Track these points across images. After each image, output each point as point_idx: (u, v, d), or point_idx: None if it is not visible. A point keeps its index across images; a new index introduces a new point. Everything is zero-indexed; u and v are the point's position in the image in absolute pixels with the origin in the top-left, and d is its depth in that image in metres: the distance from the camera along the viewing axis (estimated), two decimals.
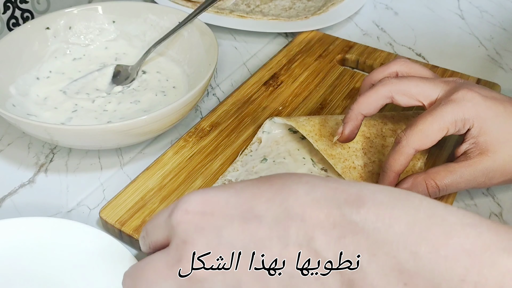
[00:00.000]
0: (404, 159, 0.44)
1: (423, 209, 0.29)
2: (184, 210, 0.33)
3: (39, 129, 0.48)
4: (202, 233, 0.32)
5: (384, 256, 0.28)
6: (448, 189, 0.45)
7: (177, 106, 0.49)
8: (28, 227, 0.44)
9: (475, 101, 0.44)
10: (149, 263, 0.34)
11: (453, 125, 0.44)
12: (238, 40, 0.74)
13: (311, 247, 0.30)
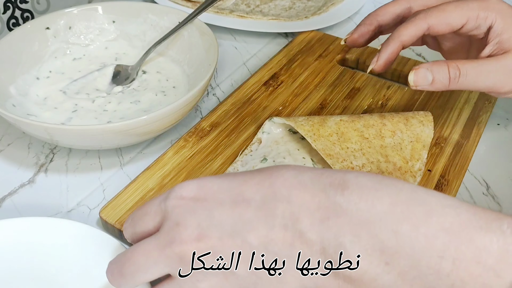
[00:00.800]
0: (415, 31, 0.44)
1: (405, 191, 0.30)
2: (179, 196, 0.34)
3: (39, 129, 0.48)
4: (193, 215, 0.33)
5: (367, 236, 0.29)
6: (468, 76, 0.44)
7: (177, 106, 0.49)
8: (28, 227, 0.44)
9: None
10: (137, 248, 0.34)
11: (475, 18, 0.44)
12: (238, 40, 0.74)
13: (296, 228, 0.31)
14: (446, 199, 0.30)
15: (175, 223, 0.33)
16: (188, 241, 0.32)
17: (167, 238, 0.33)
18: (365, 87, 0.62)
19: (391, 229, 0.29)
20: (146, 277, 0.34)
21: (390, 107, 0.59)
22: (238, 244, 0.32)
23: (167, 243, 0.33)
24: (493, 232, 0.28)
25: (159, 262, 0.33)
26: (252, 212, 0.32)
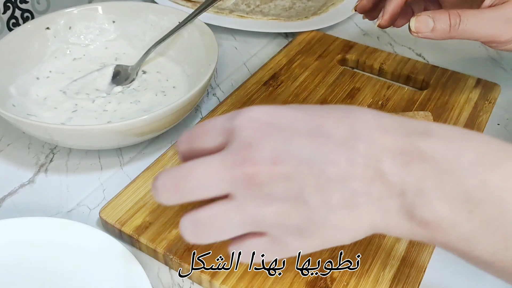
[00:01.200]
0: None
1: (494, 143, 0.30)
2: (249, 117, 0.32)
3: (39, 129, 0.48)
4: (268, 139, 0.31)
5: (452, 184, 0.29)
6: (468, 23, 0.45)
7: (177, 106, 0.49)
8: (28, 227, 0.44)
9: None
10: (198, 164, 0.32)
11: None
12: (238, 40, 0.74)
13: (378, 168, 0.30)
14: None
15: (247, 144, 0.31)
16: (262, 163, 0.30)
17: (236, 158, 0.31)
18: (365, 87, 0.62)
19: (480, 179, 0.29)
20: (202, 195, 0.32)
21: (390, 107, 0.59)
22: (315, 174, 0.30)
23: (237, 163, 0.31)
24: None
25: (223, 181, 0.31)
26: (332, 146, 0.31)
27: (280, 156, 0.31)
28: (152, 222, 0.45)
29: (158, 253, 0.43)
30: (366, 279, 0.41)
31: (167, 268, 0.44)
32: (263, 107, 0.32)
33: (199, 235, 0.33)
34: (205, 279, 0.42)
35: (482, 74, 0.64)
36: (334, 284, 0.41)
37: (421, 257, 0.43)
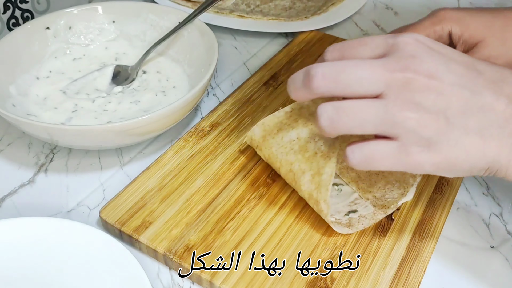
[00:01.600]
0: None
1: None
2: (414, 37, 0.36)
3: (39, 129, 0.48)
4: (431, 56, 0.36)
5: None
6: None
7: (177, 106, 0.49)
8: (28, 227, 0.44)
9: (448, 9, 0.49)
10: (360, 62, 0.36)
11: (433, 33, 0.48)
12: (238, 40, 0.74)
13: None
14: None
15: (410, 55, 0.35)
16: (421, 73, 0.35)
17: (399, 64, 0.35)
18: None
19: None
20: (358, 91, 0.36)
21: None
22: (463, 97, 0.35)
23: (398, 68, 0.35)
24: None
25: (381, 80, 0.35)
26: (482, 81, 0.35)
27: (439, 72, 0.35)
28: (152, 222, 0.45)
29: (158, 253, 0.43)
30: (366, 279, 0.41)
31: (167, 268, 0.44)
32: (423, 36, 0.37)
33: (336, 120, 0.36)
34: (205, 279, 0.42)
35: None
36: (334, 284, 0.41)
37: (421, 257, 0.43)
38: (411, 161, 0.35)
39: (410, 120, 0.34)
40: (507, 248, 0.46)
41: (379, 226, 0.45)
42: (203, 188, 0.49)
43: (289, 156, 0.45)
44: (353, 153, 0.36)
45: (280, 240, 0.44)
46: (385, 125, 0.35)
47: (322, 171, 0.43)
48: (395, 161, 0.36)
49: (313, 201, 0.44)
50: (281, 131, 0.47)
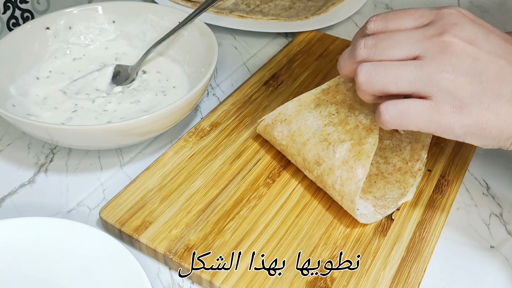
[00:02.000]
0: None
1: None
2: (457, 9, 0.38)
3: (39, 129, 0.48)
4: (472, 26, 0.37)
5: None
6: None
7: (177, 106, 0.49)
8: (28, 227, 0.44)
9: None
10: (399, 31, 0.39)
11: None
12: (238, 40, 0.74)
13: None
14: None
15: (453, 23, 0.37)
16: (461, 39, 0.36)
17: (439, 29, 0.37)
18: None
19: None
20: (395, 54, 0.38)
21: None
22: (499, 65, 0.36)
23: (438, 32, 0.37)
24: None
25: (418, 43, 0.37)
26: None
27: (478, 40, 0.37)
28: (152, 222, 0.45)
29: (158, 253, 0.43)
30: (366, 279, 0.41)
31: (167, 268, 0.44)
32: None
33: (373, 75, 0.38)
34: (205, 279, 0.42)
35: None
36: (334, 284, 0.41)
37: (421, 257, 0.43)
38: (442, 120, 0.37)
39: (445, 80, 0.36)
40: (507, 248, 0.46)
41: (379, 226, 0.45)
42: (203, 188, 0.49)
43: (327, 128, 0.46)
44: (387, 109, 0.38)
45: (280, 240, 0.44)
46: (420, 82, 0.37)
47: (364, 141, 0.44)
48: (427, 119, 0.37)
49: (346, 167, 0.44)
50: (319, 106, 0.48)
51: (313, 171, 0.47)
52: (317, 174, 0.46)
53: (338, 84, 0.49)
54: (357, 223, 0.45)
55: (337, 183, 0.44)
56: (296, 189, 0.49)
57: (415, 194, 0.48)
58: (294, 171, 0.51)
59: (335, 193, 0.45)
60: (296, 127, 0.48)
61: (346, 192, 0.44)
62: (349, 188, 0.44)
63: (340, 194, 0.44)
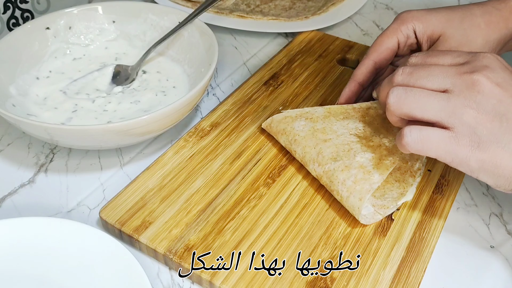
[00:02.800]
0: (365, 69, 0.53)
1: None
2: (493, 54, 0.42)
3: (39, 129, 0.48)
4: (504, 71, 0.40)
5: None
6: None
7: (177, 106, 0.49)
8: (28, 227, 0.44)
9: (411, 10, 0.53)
10: (435, 65, 0.42)
11: (400, 31, 0.52)
12: (238, 40, 0.74)
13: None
14: None
15: (484, 65, 0.40)
16: (489, 79, 0.39)
17: (471, 68, 0.40)
18: None
19: None
20: (426, 84, 0.41)
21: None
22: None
23: (469, 71, 0.40)
24: None
25: (449, 78, 0.40)
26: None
27: (505, 84, 0.39)
28: (152, 222, 0.45)
29: (158, 253, 0.43)
30: (366, 279, 0.41)
31: (167, 268, 0.44)
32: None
33: (403, 98, 0.41)
34: (205, 279, 0.42)
35: None
36: (334, 284, 0.41)
37: (421, 258, 0.43)
38: (460, 152, 0.39)
39: (468, 115, 0.38)
40: (507, 248, 0.46)
41: (379, 226, 0.45)
42: (203, 188, 0.49)
43: (352, 137, 0.49)
44: (411, 132, 0.40)
45: (280, 240, 0.44)
46: (445, 113, 0.39)
47: (384, 158, 0.46)
48: (446, 149, 0.39)
49: (363, 170, 0.45)
50: (347, 119, 0.51)
51: (325, 165, 0.47)
52: (329, 168, 0.47)
53: (369, 108, 0.52)
54: (357, 223, 0.45)
55: (350, 180, 0.45)
56: (296, 189, 0.49)
57: (415, 194, 0.48)
58: (294, 171, 0.51)
59: (344, 189, 0.45)
60: (321, 126, 0.50)
61: (357, 190, 0.44)
62: (361, 186, 0.44)
63: (349, 190, 0.45)
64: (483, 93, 0.39)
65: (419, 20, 0.51)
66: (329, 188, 0.47)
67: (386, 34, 0.53)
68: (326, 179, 0.47)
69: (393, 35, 0.52)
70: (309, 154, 0.49)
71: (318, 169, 0.48)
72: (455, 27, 0.51)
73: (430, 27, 0.51)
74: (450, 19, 0.51)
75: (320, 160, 0.48)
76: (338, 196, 0.46)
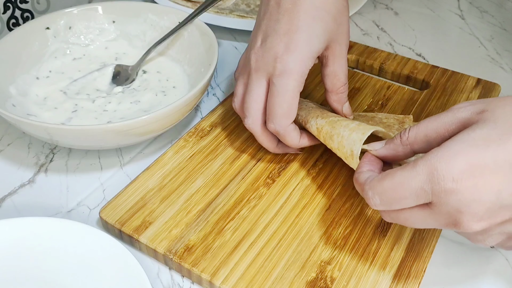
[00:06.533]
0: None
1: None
2: (451, 179, 0.32)
3: (39, 129, 0.48)
4: (480, 201, 0.32)
5: None
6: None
7: (177, 106, 0.49)
8: (28, 227, 0.44)
9: None
10: (411, 215, 0.36)
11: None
12: (238, 40, 0.74)
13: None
14: None
15: (456, 210, 0.33)
16: (475, 225, 0.33)
17: (448, 221, 0.34)
18: (365, 87, 0.62)
19: None
20: (417, 227, 0.37)
21: (390, 107, 0.59)
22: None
23: (450, 224, 0.34)
24: None
25: (433, 226, 0.35)
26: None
27: (492, 215, 0.33)
28: (152, 222, 0.45)
29: (158, 253, 0.43)
30: (366, 279, 0.41)
31: (167, 268, 0.44)
32: (458, 158, 0.32)
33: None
34: (205, 279, 0.42)
35: (482, 74, 0.64)
36: (334, 284, 0.41)
37: (421, 258, 0.43)
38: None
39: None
40: None
41: (379, 226, 0.45)
42: (203, 188, 0.49)
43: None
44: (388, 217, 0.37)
45: (280, 240, 0.44)
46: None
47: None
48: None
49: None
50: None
51: (329, 118, 0.48)
52: (332, 120, 0.47)
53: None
54: (357, 223, 0.45)
55: (353, 124, 0.45)
56: (296, 189, 0.49)
57: None
58: (294, 171, 0.51)
59: (346, 130, 0.45)
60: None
61: (360, 128, 0.44)
62: (364, 126, 0.45)
63: (352, 130, 0.44)
64: (478, 234, 0.35)
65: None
66: (329, 134, 0.46)
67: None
68: (328, 127, 0.47)
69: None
70: (313, 113, 0.49)
71: (320, 122, 0.48)
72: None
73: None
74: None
75: (323, 115, 0.48)
76: (338, 138, 0.45)
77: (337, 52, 0.49)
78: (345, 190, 0.49)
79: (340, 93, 0.50)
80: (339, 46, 0.48)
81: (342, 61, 0.49)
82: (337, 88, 0.50)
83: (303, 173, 0.50)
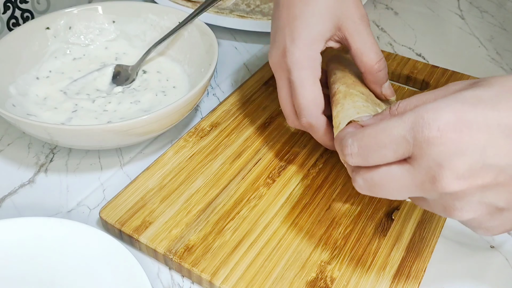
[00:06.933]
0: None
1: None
2: (436, 128, 0.30)
3: (39, 129, 0.48)
4: (462, 156, 0.30)
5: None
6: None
7: (177, 106, 0.49)
8: (28, 227, 0.44)
9: None
10: (388, 173, 0.33)
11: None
12: (238, 40, 0.74)
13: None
14: None
15: (437, 164, 0.30)
16: (454, 184, 0.30)
17: (427, 178, 0.31)
18: None
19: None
20: (388, 196, 0.34)
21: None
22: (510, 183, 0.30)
23: (427, 182, 0.31)
24: None
25: (412, 192, 0.33)
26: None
27: (475, 173, 0.30)
28: (152, 222, 0.45)
29: (158, 253, 0.43)
30: (366, 279, 0.41)
31: (167, 268, 0.44)
32: (446, 109, 0.31)
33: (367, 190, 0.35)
34: (205, 279, 0.42)
35: (482, 74, 0.64)
36: (334, 284, 0.41)
37: (421, 257, 0.43)
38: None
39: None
40: (507, 248, 0.46)
41: (379, 226, 0.45)
42: (203, 188, 0.49)
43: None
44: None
45: (280, 240, 0.44)
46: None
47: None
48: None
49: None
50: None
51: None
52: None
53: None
54: (357, 223, 0.46)
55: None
56: (296, 189, 0.49)
57: None
58: (294, 171, 0.51)
59: (360, 104, 0.44)
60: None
61: (367, 109, 0.43)
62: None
63: (365, 106, 0.43)
64: (460, 197, 0.32)
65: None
66: (337, 101, 0.45)
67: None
68: (341, 94, 0.45)
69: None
70: (344, 79, 0.48)
71: (341, 87, 0.46)
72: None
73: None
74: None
75: (349, 84, 0.46)
76: (338, 108, 0.44)
77: (352, 29, 0.46)
78: (345, 190, 0.49)
79: (374, 72, 0.46)
80: (352, 22, 0.46)
81: (364, 37, 0.46)
82: (370, 67, 0.46)
83: (303, 173, 0.50)
